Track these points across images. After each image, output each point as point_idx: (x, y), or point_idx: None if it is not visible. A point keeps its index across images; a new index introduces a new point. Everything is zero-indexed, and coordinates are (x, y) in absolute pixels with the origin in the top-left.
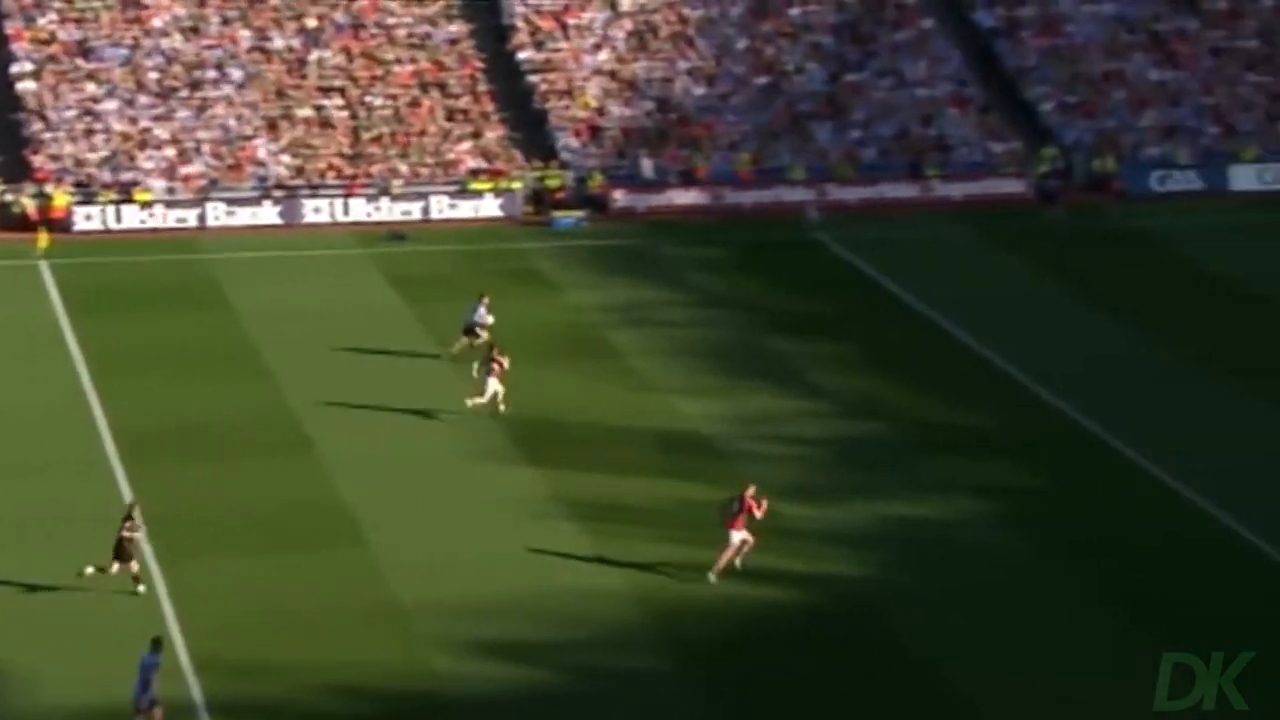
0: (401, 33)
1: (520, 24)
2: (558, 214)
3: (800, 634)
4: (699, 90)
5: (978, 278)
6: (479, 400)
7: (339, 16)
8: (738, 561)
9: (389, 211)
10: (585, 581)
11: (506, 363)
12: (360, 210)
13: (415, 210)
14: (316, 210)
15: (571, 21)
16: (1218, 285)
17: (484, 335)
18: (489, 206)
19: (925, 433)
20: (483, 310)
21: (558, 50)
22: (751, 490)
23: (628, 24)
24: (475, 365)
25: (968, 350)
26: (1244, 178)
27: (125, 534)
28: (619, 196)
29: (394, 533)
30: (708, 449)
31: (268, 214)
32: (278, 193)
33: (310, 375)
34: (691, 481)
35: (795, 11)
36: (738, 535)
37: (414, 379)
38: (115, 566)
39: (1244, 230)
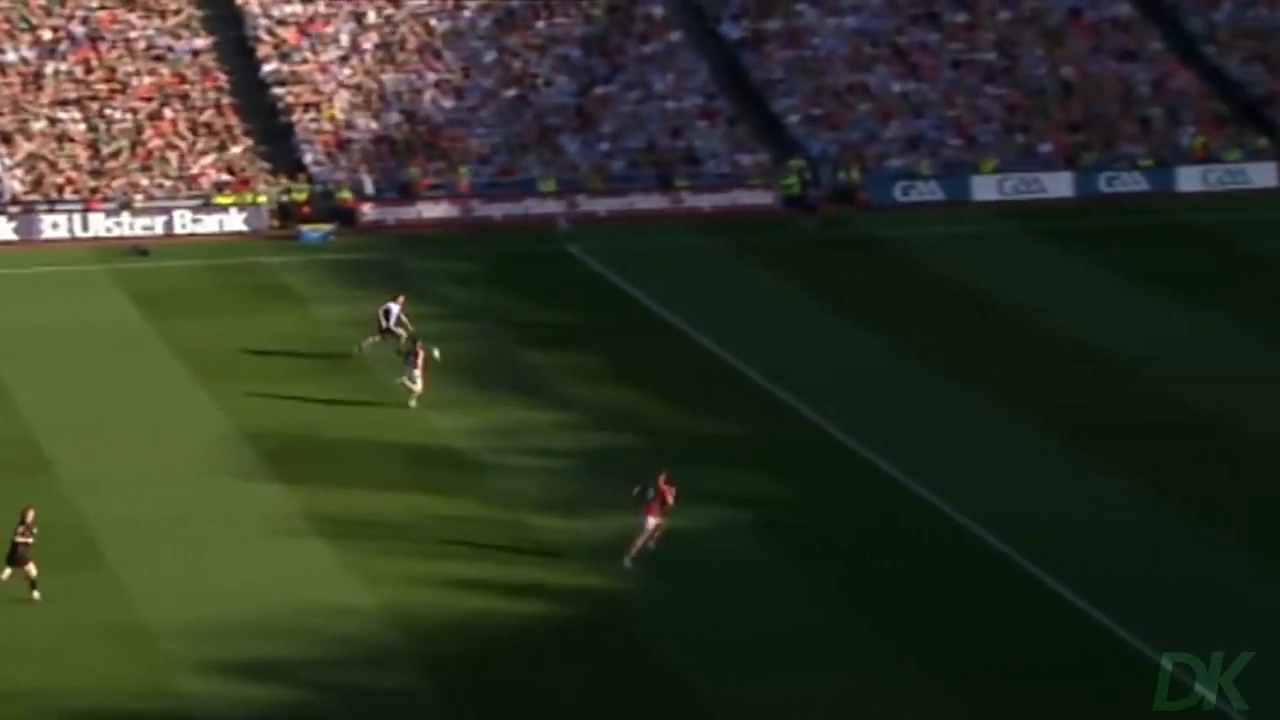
0: (141, 45)
1: (264, 36)
2: (305, 228)
3: (553, 646)
4: (447, 102)
5: (726, 289)
6: (414, 390)
7: (76, 28)
8: (651, 544)
9: (130, 227)
10: (336, 599)
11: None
12: (100, 225)
13: (158, 225)
14: (54, 226)
15: (317, 33)
16: (961, 295)
17: (402, 333)
18: (234, 221)
19: (675, 443)
20: (396, 309)
21: (304, 63)
22: (664, 476)
23: (374, 36)
24: (407, 369)
25: (716, 360)
26: (985, 188)
27: (19, 539)
28: (367, 210)
29: (137, 553)
30: (459, 463)
31: (3, 230)
32: (13, 209)
33: (48, 394)
34: (443, 496)
35: (542, 24)
36: (651, 520)
37: (157, 396)
38: (7, 572)
39: (985, 240)
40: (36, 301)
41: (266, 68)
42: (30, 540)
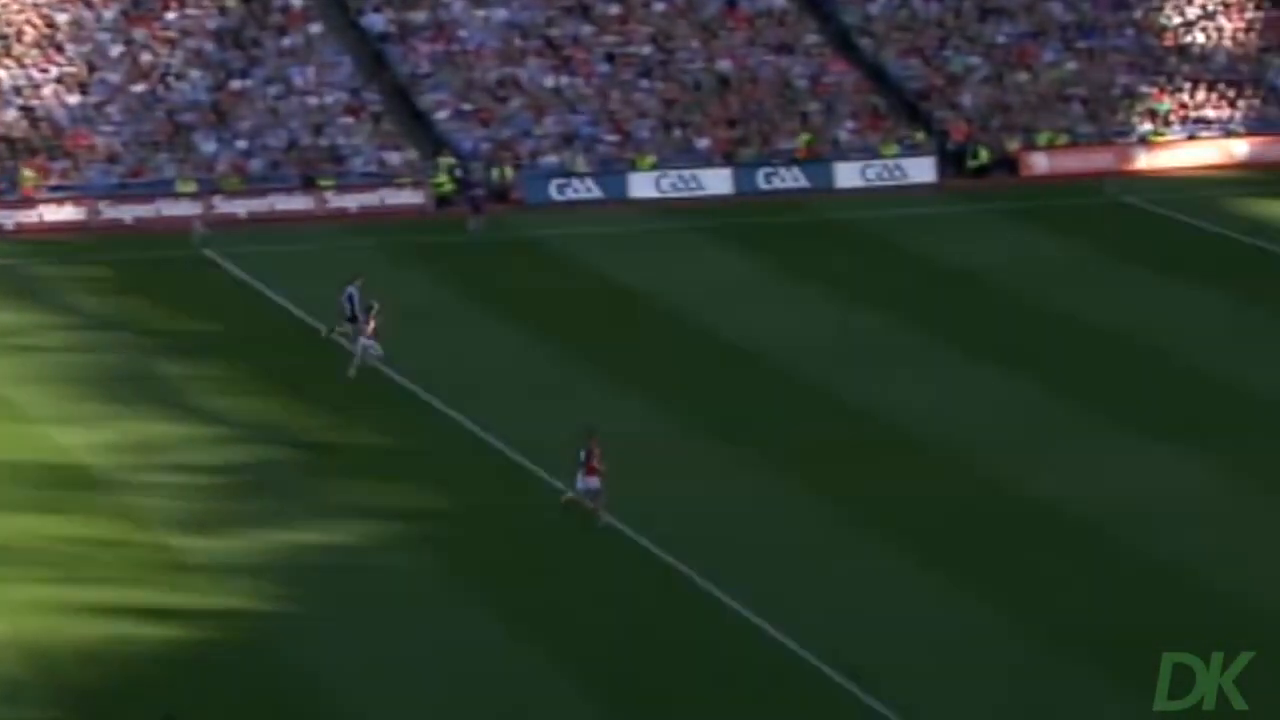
0: None
1: None
2: None
3: (195, 672)
4: (71, 99)
5: (375, 292)
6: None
7: None
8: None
9: None
10: None
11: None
12: None
13: None
14: None
15: None
16: (617, 294)
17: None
18: None
19: (326, 455)
20: (355, 290)
21: None
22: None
23: None
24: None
25: (364, 368)
26: (642, 185)
27: None
28: None
29: None
30: (90, 481)
31: None
32: None
33: None
34: (72, 517)
35: (173, 15)
36: (594, 481)
37: None
38: None
39: (643, 238)
40: None
41: None
42: None
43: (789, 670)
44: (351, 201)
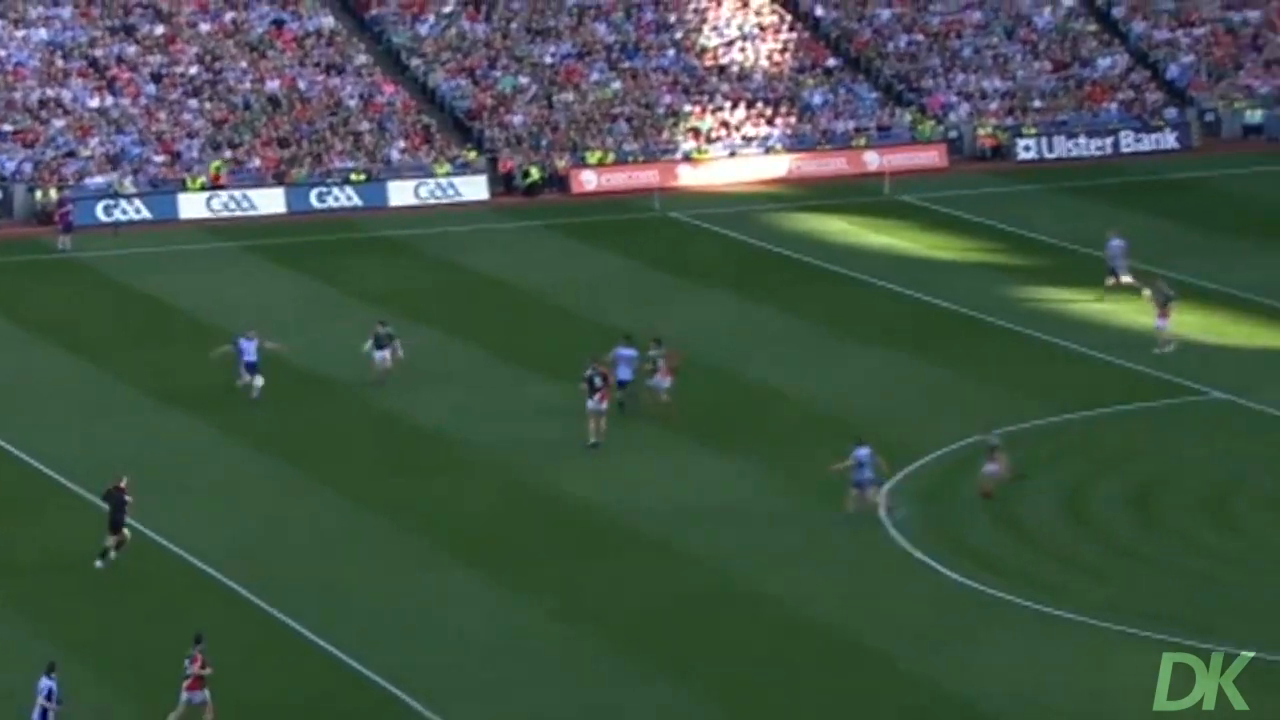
0: None
1: None
2: None
3: None
4: None
5: None
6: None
7: None
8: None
9: None
10: None
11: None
12: None
13: None
14: None
15: None
16: (165, 314)
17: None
18: None
19: None
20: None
21: None
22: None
23: None
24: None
25: None
26: (193, 206)
27: None
28: None
29: None
30: None
31: None
32: None
33: None
34: None
35: None
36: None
37: None
38: None
39: (195, 259)
40: None
41: None
42: None
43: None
44: None
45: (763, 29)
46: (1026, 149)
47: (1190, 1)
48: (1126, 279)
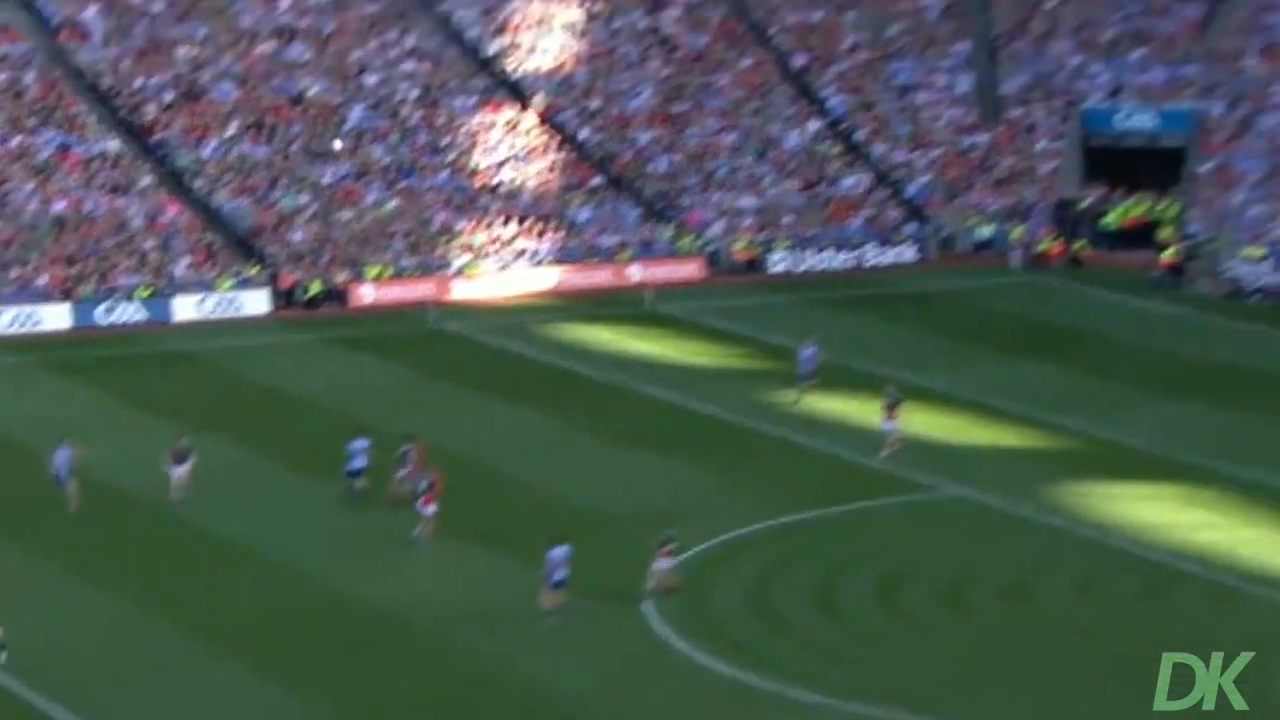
0: None
1: None
2: None
3: None
4: None
5: None
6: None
7: None
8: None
9: None
10: None
11: None
12: None
13: None
14: None
15: None
16: None
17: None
18: None
19: None
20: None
21: None
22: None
23: None
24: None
25: None
26: None
27: None
28: None
29: None
30: None
31: None
32: None
33: None
34: None
35: None
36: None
37: None
38: None
39: None
40: None
41: None
42: None
43: None
44: None
45: (531, 151)
46: (778, 262)
47: (926, 125)
48: (805, 387)
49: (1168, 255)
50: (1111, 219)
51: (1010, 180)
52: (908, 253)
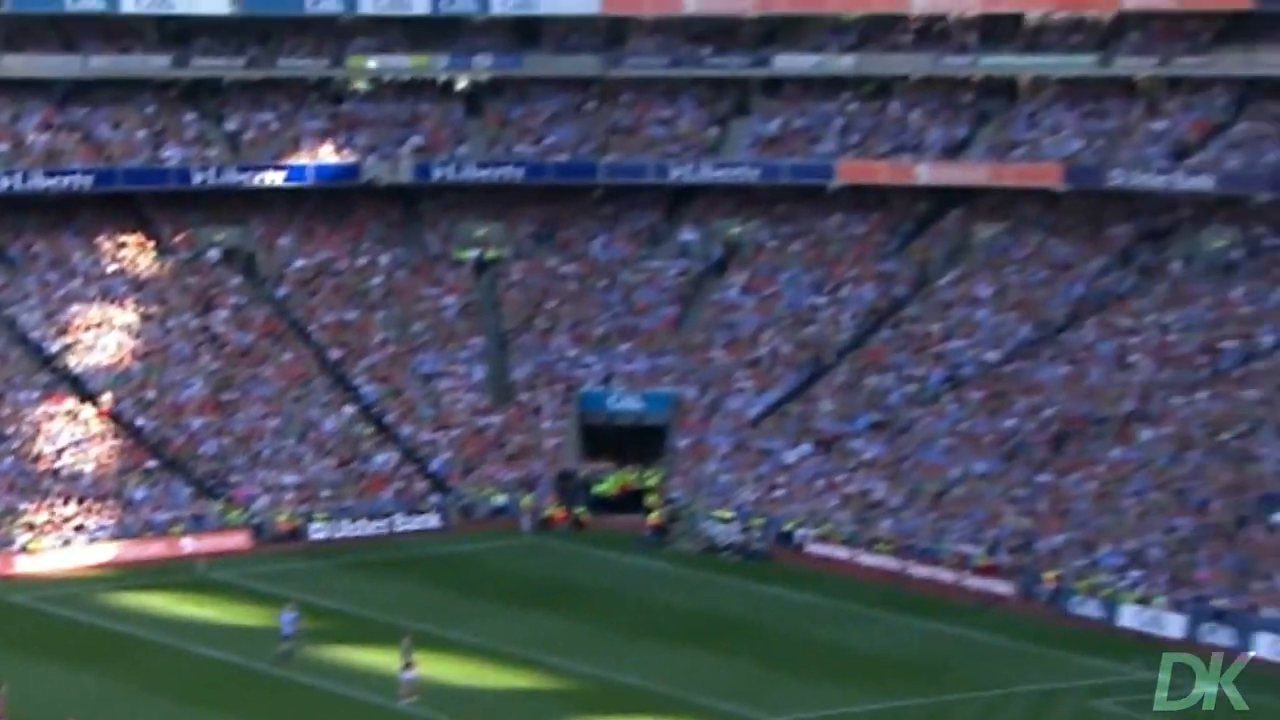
0: None
1: None
2: None
3: None
4: None
5: None
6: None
7: None
8: None
9: None
10: None
11: None
12: None
13: None
14: None
15: None
16: None
17: None
18: None
19: None
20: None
21: None
22: None
23: None
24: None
25: None
26: None
27: None
28: None
29: None
30: None
31: None
32: None
33: None
34: None
35: None
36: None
37: None
38: None
39: None
40: None
41: None
42: None
43: None
44: None
45: (90, 437)
46: (317, 531)
47: (447, 408)
48: (287, 649)
49: (653, 518)
50: (606, 487)
51: (520, 455)
52: (432, 520)
